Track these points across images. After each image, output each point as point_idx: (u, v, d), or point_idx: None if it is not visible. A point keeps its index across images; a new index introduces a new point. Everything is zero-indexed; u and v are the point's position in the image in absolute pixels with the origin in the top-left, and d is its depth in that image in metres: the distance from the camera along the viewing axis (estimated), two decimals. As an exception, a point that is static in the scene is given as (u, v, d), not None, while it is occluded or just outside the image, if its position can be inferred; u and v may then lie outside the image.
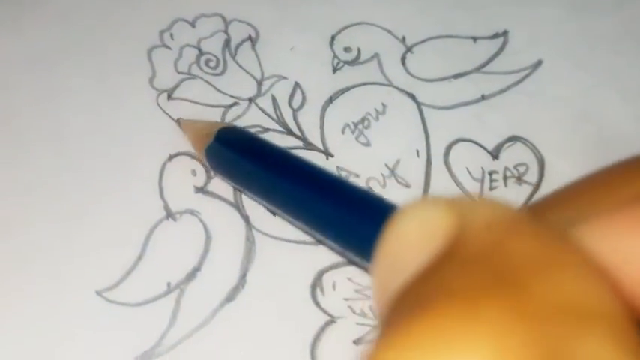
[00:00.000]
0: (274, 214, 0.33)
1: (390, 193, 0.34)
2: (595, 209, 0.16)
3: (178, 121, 0.36)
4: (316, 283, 0.32)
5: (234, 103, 0.36)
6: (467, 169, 0.34)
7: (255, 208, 0.34)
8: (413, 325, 0.13)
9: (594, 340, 0.13)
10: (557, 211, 0.18)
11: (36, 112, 0.36)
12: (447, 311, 0.13)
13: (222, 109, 0.36)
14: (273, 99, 0.36)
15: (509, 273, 0.14)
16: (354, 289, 0.32)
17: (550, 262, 0.14)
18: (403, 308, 0.14)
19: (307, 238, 0.33)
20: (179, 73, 0.37)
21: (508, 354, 0.12)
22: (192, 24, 0.38)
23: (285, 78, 0.37)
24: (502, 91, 0.36)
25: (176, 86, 0.37)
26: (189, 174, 0.35)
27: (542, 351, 0.12)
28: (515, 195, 0.33)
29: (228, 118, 0.36)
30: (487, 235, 0.15)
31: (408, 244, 0.16)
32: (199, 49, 0.38)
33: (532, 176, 0.33)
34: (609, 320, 0.13)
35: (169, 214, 0.34)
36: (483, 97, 0.36)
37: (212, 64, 0.37)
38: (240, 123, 0.36)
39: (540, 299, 0.13)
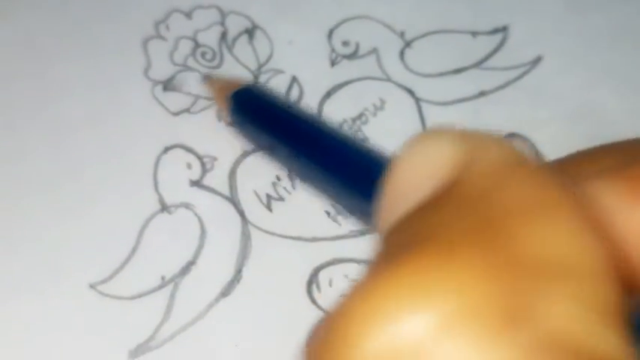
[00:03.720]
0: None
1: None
2: (612, 167, 0.16)
3: (205, 77, 0.36)
4: (312, 280, 0.32)
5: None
6: (465, 165, 0.34)
7: (251, 203, 0.33)
8: (387, 273, 0.13)
9: (559, 299, 0.13)
10: (575, 168, 0.18)
11: (29, 103, 0.36)
12: (421, 260, 0.13)
13: (219, 102, 0.36)
14: (270, 92, 0.36)
15: (495, 221, 0.14)
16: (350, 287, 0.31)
17: (538, 210, 0.14)
18: (390, 248, 0.15)
19: (304, 234, 0.32)
20: (175, 64, 0.37)
21: (470, 307, 0.13)
22: (189, 15, 0.38)
23: (282, 72, 0.37)
24: (501, 87, 0.36)
25: (172, 78, 0.37)
26: (184, 167, 0.34)
27: (504, 306, 0.13)
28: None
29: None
30: (486, 178, 0.15)
31: (414, 175, 0.16)
32: (195, 41, 0.37)
33: (530, 174, 0.33)
34: (581, 280, 0.13)
35: (164, 207, 0.34)
36: (482, 94, 0.36)
37: (208, 56, 0.37)
38: (236, 116, 0.36)
39: (516, 252, 0.13)
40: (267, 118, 0.31)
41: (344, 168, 0.26)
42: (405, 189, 0.16)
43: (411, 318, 0.13)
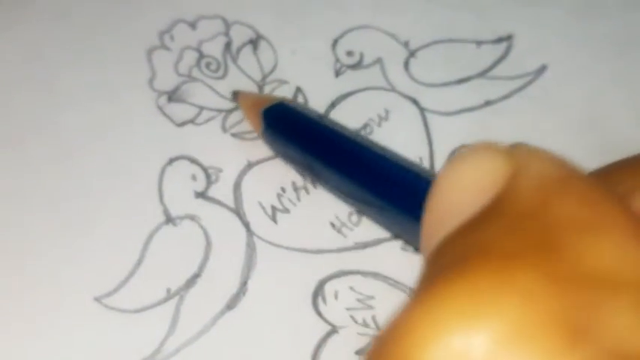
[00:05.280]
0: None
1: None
2: None
3: (234, 93, 0.36)
4: (318, 292, 0.32)
5: (235, 108, 0.36)
6: (470, 176, 0.34)
7: (257, 215, 0.33)
8: (445, 286, 0.13)
9: (621, 310, 0.13)
10: (619, 178, 0.18)
11: (33, 114, 0.36)
12: (480, 273, 0.13)
13: (224, 113, 0.36)
14: (275, 103, 0.36)
15: (550, 235, 0.14)
16: (356, 299, 0.31)
17: (593, 225, 0.14)
18: (442, 262, 0.15)
19: (309, 246, 0.32)
20: (179, 75, 0.37)
21: (533, 320, 0.13)
22: (193, 26, 0.38)
23: (286, 82, 0.37)
24: (506, 96, 0.36)
25: (176, 88, 0.37)
26: (189, 178, 0.34)
27: (568, 318, 0.13)
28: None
29: (228, 123, 0.36)
30: (535, 193, 0.15)
31: (460, 192, 0.16)
32: (200, 52, 0.37)
33: (536, 184, 0.33)
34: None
35: (169, 219, 0.33)
36: (487, 103, 0.36)
37: (213, 67, 0.37)
38: (241, 128, 0.35)
39: (575, 265, 0.13)
40: (302, 135, 0.32)
41: (382, 183, 0.27)
42: (450, 206, 0.16)
43: (472, 331, 0.13)
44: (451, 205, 0.16)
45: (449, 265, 0.14)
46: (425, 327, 0.13)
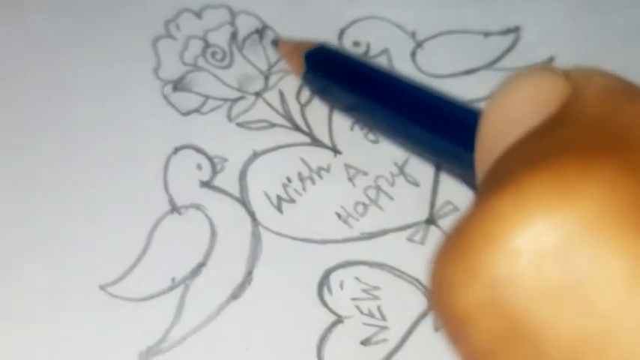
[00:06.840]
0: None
1: (398, 191, 0.33)
2: None
3: (274, 42, 0.37)
4: (323, 282, 0.32)
5: (241, 97, 0.36)
6: (477, 167, 0.34)
7: (262, 205, 0.33)
8: (530, 176, 0.14)
9: None
10: None
11: (39, 103, 0.36)
12: (564, 164, 0.14)
13: (229, 102, 0.36)
14: (281, 94, 0.36)
15: (627, 133, 0.15)
16: (361, 289, 0.31)
17: None
18: (515, 163, 0.15)
19: (315, 236, 0.32)
20: (185, 64, 0.37)
21: (617, 205, 0.13)
22: (199, 15, 0.38)
23: (292, 72, 0.36)
24: (513, 88, 0.36)
25: (182, 77, 0.36)
26: (194, 168, 0.34)
27: None
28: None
29: (234, 112, 0.35)
30: (604, 101, 0.16)
31: (521, 105, 0.17)
32: (205, 41, 0.37)
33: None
34: None
35: (174, 208, 0.33)
36: (494, 95, 0.35)
37: (218, 56, 0.37)
38: (246, 117, 0.35)
39: None
40: (346, 74, 0.32)
41: (430, 116, 0.27)
42: (509, 120, 0.17)
43: (558, 214, 0.13)
44: (510, 119, 0.16)
45: (525, 162, 0.15)
46: (511, 210, 0.14)
